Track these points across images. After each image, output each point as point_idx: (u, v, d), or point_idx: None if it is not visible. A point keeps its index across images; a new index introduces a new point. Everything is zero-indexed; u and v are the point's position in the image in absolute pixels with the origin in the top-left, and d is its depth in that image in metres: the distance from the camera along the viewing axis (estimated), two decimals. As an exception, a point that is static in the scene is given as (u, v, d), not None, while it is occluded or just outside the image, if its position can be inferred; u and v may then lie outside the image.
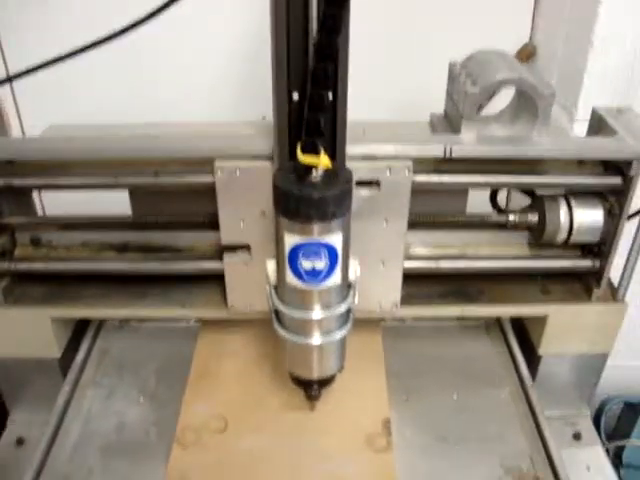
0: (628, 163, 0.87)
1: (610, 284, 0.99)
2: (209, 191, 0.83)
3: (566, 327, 0.98)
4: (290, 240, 0.68)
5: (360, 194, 0.81)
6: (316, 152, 0.65)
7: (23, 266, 0.93)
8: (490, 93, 0.86)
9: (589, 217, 0.93)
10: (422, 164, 0.86)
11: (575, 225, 0.92)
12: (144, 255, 0.94)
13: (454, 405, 0.94)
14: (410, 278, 0.95)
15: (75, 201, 0.97)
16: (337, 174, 0.68)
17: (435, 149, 0.83)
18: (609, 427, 1.44)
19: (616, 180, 0.89)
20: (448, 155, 0.83)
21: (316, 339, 0.75)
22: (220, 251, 0.87)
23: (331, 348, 0.78)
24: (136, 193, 0.94)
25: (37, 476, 0.82)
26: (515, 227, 0.97)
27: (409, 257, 0.94)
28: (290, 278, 0.71)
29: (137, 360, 0.99)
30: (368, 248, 0.85)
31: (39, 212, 1.10)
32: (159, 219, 0.94)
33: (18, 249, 0.95)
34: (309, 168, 0.66)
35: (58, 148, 0.84)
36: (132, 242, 0.96)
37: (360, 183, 0.80)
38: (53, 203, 1.18)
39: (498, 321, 1.07)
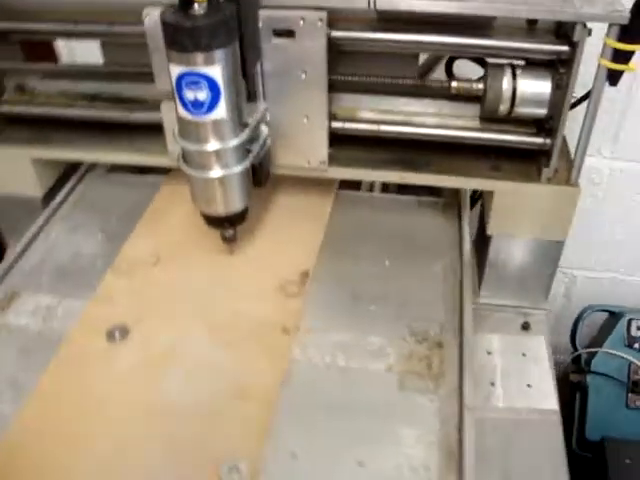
0: (573, 27, 0.84)
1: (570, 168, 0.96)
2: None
3: (513, 206, 0.97)
4: (174, 71, 0.74)
5: (276, 44, 0.84)
6: (192, -16, 0.70)
7: (5, 109, 1.06)
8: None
9: (534, 87, 0.90)
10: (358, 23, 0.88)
11: (518, 94, 0.90)
12: (112, 105, 1.04)
13: (383, 270, 0.97)
14: (354, 143, 0.98)
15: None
16: (221, 9, 0.73)
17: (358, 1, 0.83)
18: (587, 335, 1.40)
19: (563, 48, 0.86)
20: (372, 6, 0.83)
21: (215, 172, 0.82)
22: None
23: (232, 183, 0.84)
24: (107, 46, 1.03)
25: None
26: (463, 97, 0.96)
27: (351, 120, 0.97)
28: (180, 110, 0.77)
29: (108, 205, 1.09)
30: (290, 101, 0.89)
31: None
32: (128, 71, 1.03)
33: (6, 94, 1.08)
34: (190, 1, 0.71)
35: None
36: (103, 92, 1.05)
37: (276, 33, 0.84)
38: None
39: (457, 201, 1.07)
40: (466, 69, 0.99)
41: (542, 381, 0.98)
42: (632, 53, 0.83)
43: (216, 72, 0.73)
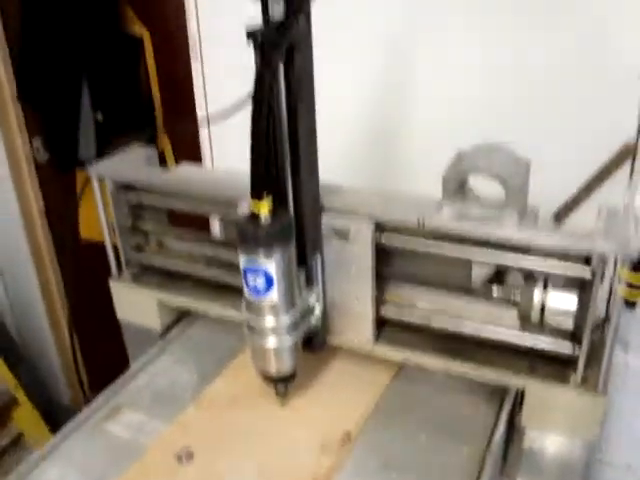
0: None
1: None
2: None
3: (543, 404, 1.11)
4: (242, 261, 1.03)
5: (335, 241, 1.12)
6: (259, 199, 1.00)
7: (147, 259, 1.42)
8: (462, 177, 1.09)
9: (561, 301, 1.07)
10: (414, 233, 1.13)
11: (547, 306, 1.08)
12: (224, 268, 1.36)
13: (417, 444, 1.13)
14: (410, 329, 1.20)
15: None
16: (281, 220, 1.02)
17: (410, 218, 1.08)
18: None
19: (586, 272, 1.03)
20: (422, 225, 1.08)
21: (270, 342, 1.07)
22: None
23: (283, 351, 1.08)
24: (224, 222, 1.38)
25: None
26: (506, 302, 1.15)
27: (404, 307, 1.20)
28: (245, 290, 1.05)
29: (210, 347, 1.38)
30: (344, 286, 1.14)
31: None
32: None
33: (149, 247, 1.44)
34: (257, 214, 1.01)
35: (170, 182, 1.33)
36: (220, 257, 1.37)
37: (336, 233, 1.11)
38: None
39: (504, 389, 1.23)
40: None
41: None
42: (644, 284, 0.98)
43: (272, 267, 1.00)
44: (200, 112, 1.91)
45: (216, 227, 1.48)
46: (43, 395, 2.73)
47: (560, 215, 1.49)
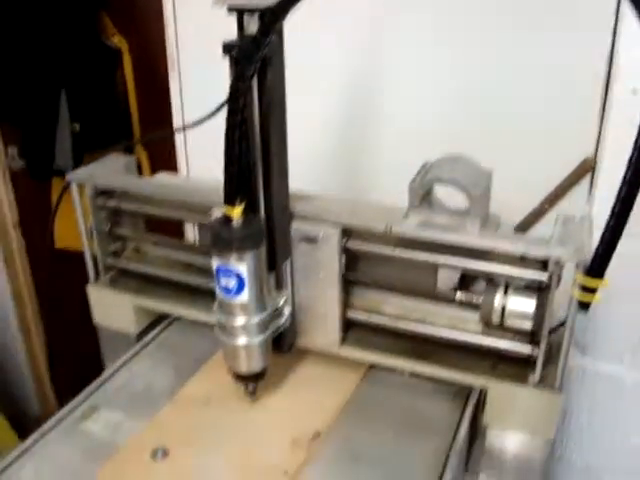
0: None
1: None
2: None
3: (505, 403, 1.21)
4: (214, 263, 1.12)
5: (303, 247, 1.22)
6: (232, 205, 1.09)
7: (123, 263, 1.52)
8: (427, 187, 1.19)
9: (520, 305, 1.18)
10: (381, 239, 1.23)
11: (507, 309, 1.18)
12: (199, 273, 1.45)
13: (385, 441, 1.22)
14: (377, 331, 1.30)
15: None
16: (253, 224, 1.11)
17: (378, 225, 1.19)
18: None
19: (543, 277, 1.13)
20: (389, 231, 1.19)
21: (241, 340, 1.17)
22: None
23: (253, 349, 1.17)
24: (199, 228, 1.47)
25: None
26: (469, 306, 1.25)
27: (369, 311, 1.30)
28: (217, 291, 1.15)
29: (186, 350, 1.47)
30: (312, 291, 1.24)
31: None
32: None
33: (126, 252, 1.54)
34: (229, 218, 1.10)
35: (148, 188, 1.42)
36: (195, 262, 1.48)
37: (304, 239, 1.21)
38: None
39: (468, 389, 1.33)
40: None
41: None
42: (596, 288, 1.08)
43: (243, 268, 1.10)
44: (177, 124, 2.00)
45: (192, 233, 1.57)
46: (12, 405, 2.80)
47: (523, 227, 1.60)
